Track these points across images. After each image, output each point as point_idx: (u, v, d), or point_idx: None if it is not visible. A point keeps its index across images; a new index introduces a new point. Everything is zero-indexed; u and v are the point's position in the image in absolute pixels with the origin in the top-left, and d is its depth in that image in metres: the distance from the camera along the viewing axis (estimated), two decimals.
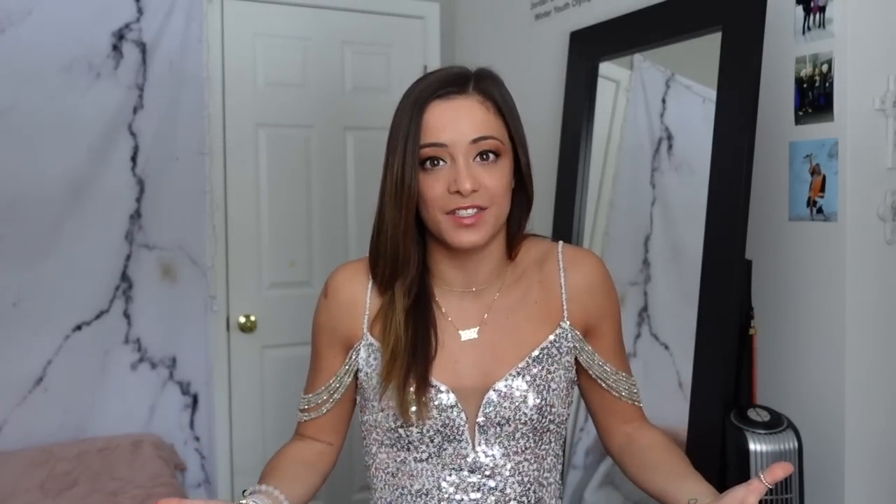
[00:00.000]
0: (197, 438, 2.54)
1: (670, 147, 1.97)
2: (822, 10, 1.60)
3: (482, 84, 0.99)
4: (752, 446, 1.48)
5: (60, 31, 2.31)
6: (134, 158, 2.42)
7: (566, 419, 1.05)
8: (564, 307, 1.05)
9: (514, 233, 1.05)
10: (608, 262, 2.12)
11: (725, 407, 1.58)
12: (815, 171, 1.63)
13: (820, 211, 1.62)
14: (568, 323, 1.05)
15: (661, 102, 2.01)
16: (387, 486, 1.03)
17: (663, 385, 1.92)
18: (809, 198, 1.64)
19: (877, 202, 1.61)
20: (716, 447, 1.58)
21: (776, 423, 1.51)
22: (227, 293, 2.62)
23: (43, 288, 2.32)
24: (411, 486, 1.01)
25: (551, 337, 1.03)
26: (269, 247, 2.70)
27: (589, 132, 2.16)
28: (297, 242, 2.74)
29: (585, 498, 2.11)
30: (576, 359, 1.06)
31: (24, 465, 2.15)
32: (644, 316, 2.01)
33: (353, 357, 1.04)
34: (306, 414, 1.09)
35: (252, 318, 2.65)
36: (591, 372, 1.07)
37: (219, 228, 2.60)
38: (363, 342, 1.03)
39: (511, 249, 1.06)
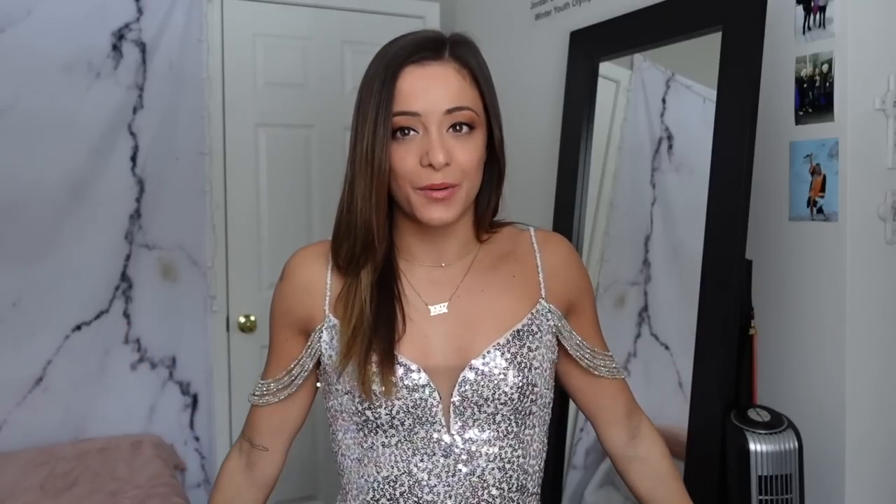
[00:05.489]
0: (197, 438, 2.54)
1: (670, 147, 1.97)
2: (822, 10, 1.60)
3: (458, 50, 0.93)
4: (752, 446, 1.48)
5: (60, 31, 2.31)
6: (134, 158, 2.42)
7: (550, 403, 1.01)
8: (542, 285, 1.00)
9: (484, 209, 1.00)
10: (608, 262, 2.14)
11: (725, 407, 1.58)
12: (815, 171, 1.63)
13: (820, 211, 1.62)
14: (546, 300, 1.00)
15: (661, 102, 2.01)
16: (354, 473, 0.98)
17: (663, 385, 1.92)
18: (809, 198, 1.64)
19: (877, 202, 1.61)
20: (716, 447, 1.58)
21: (776, 423, 1.51)
22: (227, 293, 2.62)
23: (43, 288, 2.32)
24: (378, 473, 0.95)
25: (531, 311, 0.98)
26: (269, 247, 2.70)
27: (589, 132, 2.16)
28: (297, 242, 2.69)
29: (585, 498, 2.11)
30: (557, 340, 1.03)
31: (24, 465, 2.15)
32: (644, 316, 2.01)
33: (316, 340, 0.98)
34: (262, 399, 1.04)
35: (252, 318, 2.64)
36: (570, 351, 1.03)
37: (219, 228, 2.60)
38: (325, 324, 0.97)
39: (479, 225, 1.00)
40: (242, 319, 2.64)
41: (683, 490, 1.09)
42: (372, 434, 0.95)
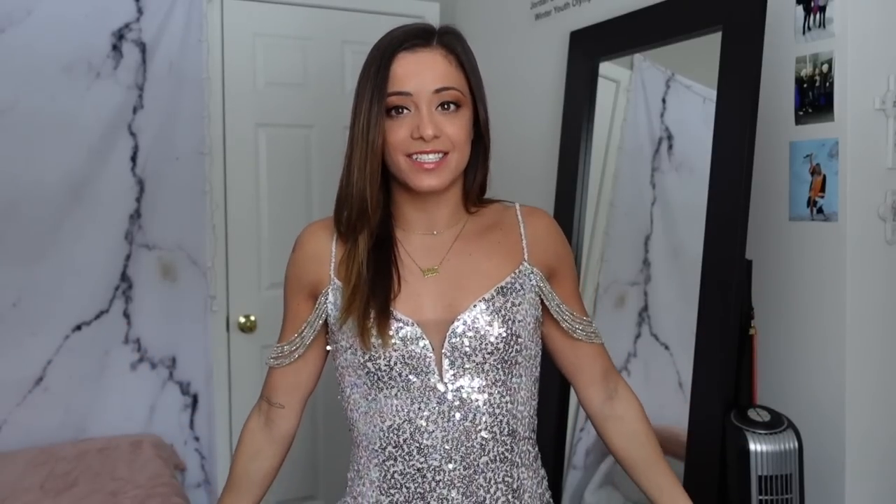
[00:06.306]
0: (197, 438, 2.54)
1: (670, 147, 1.98)
2: (822, 10, 1.60)
3: (445, 39, 1.05)
4: (752, 446, 1.48)
5: (60, 31, 2.31)
6: (134, 158, 2.42)
7: (536, 356, 1.10)
8: (525, 249, 1.11)
9: (472, 181, 1.11)
10: (608, 262, 2.14)
11: (725, 407, 1.58)
12: (815, 171, 1.63)
13: (820, 211, 1.62)
14: (529, 263, 1.10)
15: (661, 102, 2.01)
16: (362, 424, 1.08)
17: (663, 385, 1.92)
18: (809, 198, 1.64)
19: (877, 202, 1.61)
20: (716, 447, 1.58)
21: (776, 423, 1.51)
22: (226, 293, 2.62)
23: (43, 288, 2.32)
24: (382, 422, 1.05)
25: (515, 271, 1.08)
26: (269, 247, 2.70)
27: (589, 132, 2.16)
28: None
29: (585, 498, 2.11)
30: (541, 301, 1.12)
31: (24, 465, 2.15)
32: (644, 316, 2.01)
33: (323, 301, 1.09)
34: (277, 360, 1.14)
35: (252, 318, 2.64)
36: (551, 311, 1.12)
37: (219, 228, 2.60)
38: (331, 287, 1.08)
39: (468, 197, 1.11)
40: (242, 319, 2.64)
41: (658, 449, 1.16)
42: (375, 388, 1.05)
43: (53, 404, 2.34)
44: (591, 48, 2.17)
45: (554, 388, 2.05)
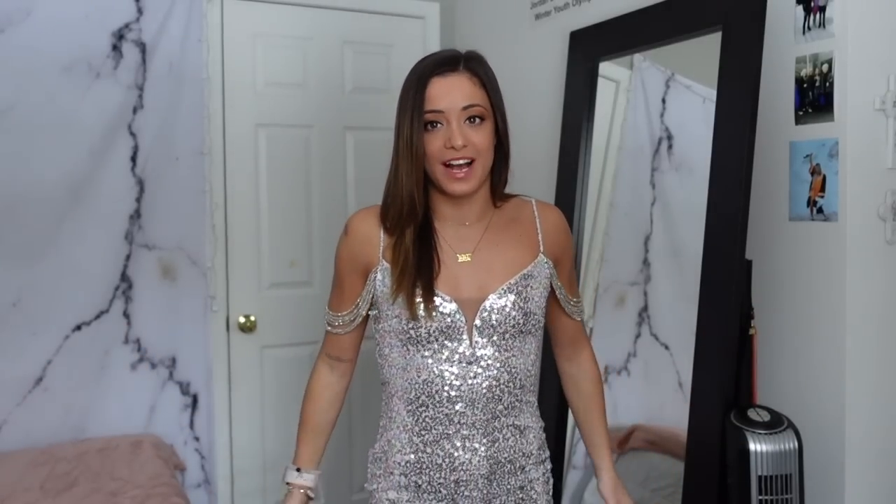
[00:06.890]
0: (197, 439, 2.54)
1: (670, 147, 1.98)
2: (822, 10, 1.60)
3: (470, 64, 1.26)
4: (752, 446, 1.48)
5: (60, 31, 2.31)
6: (134, 158, 2.42)
7: (542, 326, 1.34)
8: (541, 242, 1.34)
9: (497, 181, 1.32)
10: (608, 262, 2.14)
11: (725, 407, 1.58)
12: (815, 171, 1.63)
13: (820, 211, 1.62)
14: (544, 254, 1.33)
15: (661, 102, 2.01)
16: (399, 378, 1.29)
17: (663, 385, 1.92)
18: (809, 198, 1.64)
19: (877, 202, 1.61)
20: (716, 447, 1.58)
21: (776, 423, 1.51)
22: (226, 293, 2.62)
23: (43, 288, 2.32)
24: (418, 377, 1.27)
25: (533, 262, 1.31)
26: (269, 247, 2.70)
27: (589, 132, 2.16)
28: (297, 242, 2.73)
29: (585, 498, 2.11)
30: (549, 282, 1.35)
31: (24, 465, 2.15)
32: (644, 316, 2.01)
33: (373, 279, 1.29)
34: (339, 329, 1.36)
35: (252, 318, 2.64)
36: (555, 292, 1.37)
37: (219, 228, 2.60)
38: (380, 267, 1.29)
39: (494, 194, 1.33)
40: (242, 319, 2.64)
41: (600, 412, 1.44)
42: (413, 348, 1.27)
43: (53, 404, 2.33)
44: (590, 48, 2.17)
45: (554, 392, 2.05)
